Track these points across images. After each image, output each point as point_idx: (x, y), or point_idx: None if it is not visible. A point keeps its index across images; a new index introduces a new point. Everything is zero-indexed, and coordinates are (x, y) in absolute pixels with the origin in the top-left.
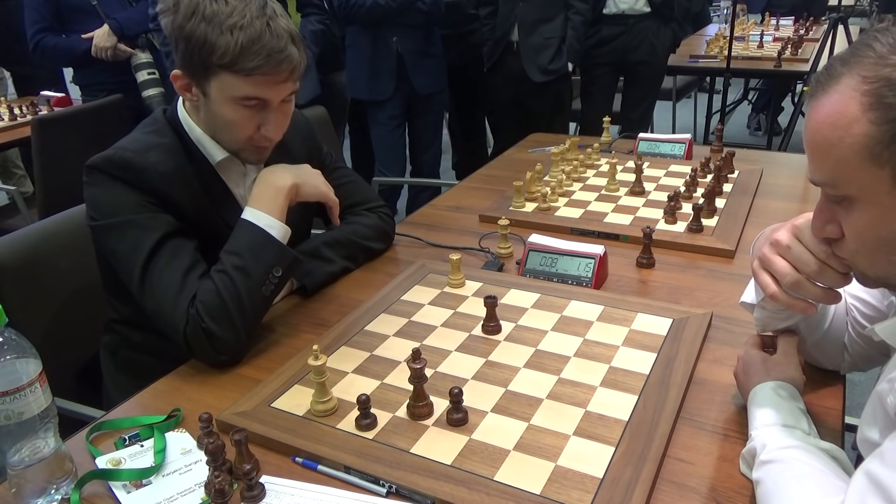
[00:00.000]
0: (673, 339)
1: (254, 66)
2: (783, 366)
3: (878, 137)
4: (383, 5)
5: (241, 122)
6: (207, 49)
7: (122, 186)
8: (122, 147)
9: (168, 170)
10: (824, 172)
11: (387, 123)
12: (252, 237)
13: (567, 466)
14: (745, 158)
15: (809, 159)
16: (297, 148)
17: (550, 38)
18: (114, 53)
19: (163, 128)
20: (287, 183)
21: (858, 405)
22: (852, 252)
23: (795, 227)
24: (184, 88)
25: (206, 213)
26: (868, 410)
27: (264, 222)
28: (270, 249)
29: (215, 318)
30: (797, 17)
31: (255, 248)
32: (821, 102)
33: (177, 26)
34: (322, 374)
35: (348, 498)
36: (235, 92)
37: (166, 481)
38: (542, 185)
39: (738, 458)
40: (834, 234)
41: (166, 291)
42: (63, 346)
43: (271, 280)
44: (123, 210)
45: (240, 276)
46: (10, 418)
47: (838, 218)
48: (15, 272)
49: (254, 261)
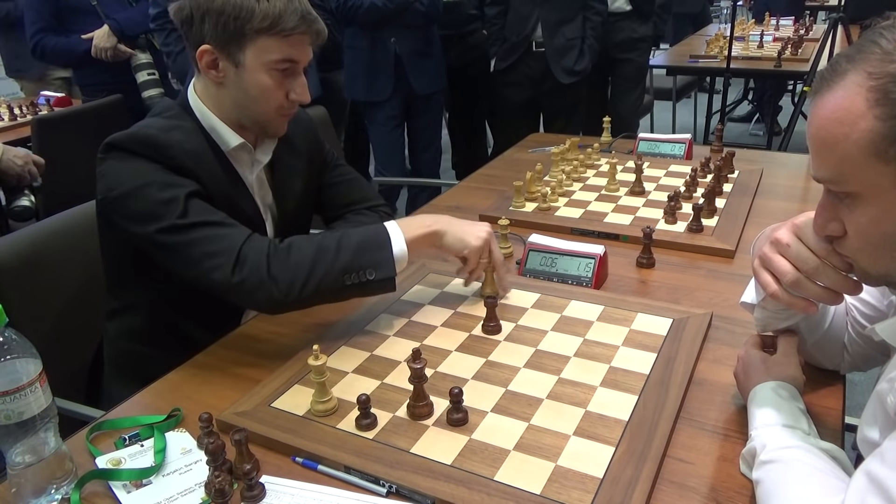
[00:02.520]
0: (673, 339)
1: (293, 26)
2: (783, 366)
3: (883, 133)
4: (381, 6)
5: (274, 89)
6: (245, 15)
7: (145, 161)
8: (145, 125)
9: (193, 148)
10: (828, 169)
11: (385, 124)
12: (375, 236)
13: (567, 466)
14: (745, 158)
15: (813, 156)
16: (300, 143)
17: (572, 38)
18: (114, 54)
19: (180, 113)
20: (436, 226)
21: (858, 405)
22: (855, 250)
23: (796, 226)
24: (209, 66)
25: (226, 195)
26: (868, 410)
27: (394, 235)
28: (381, 254)
29: (291, 267)
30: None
31: (370, 244)
32: (825, 99)
33: (203, 1)
34: (322, 374)
35: (348, 498)
36: (274, 55)
37: (166, 481)
38: (542, 185)
39: (738, 458)
40: (836, 232)
41: (217, 225)
42: (63, 345)
43: (359, 276)
44: (144, 176)
45: (339, 255)
46: (11, 418)
47: (841, 215)
48: (15, 272)
49: (361, 252)
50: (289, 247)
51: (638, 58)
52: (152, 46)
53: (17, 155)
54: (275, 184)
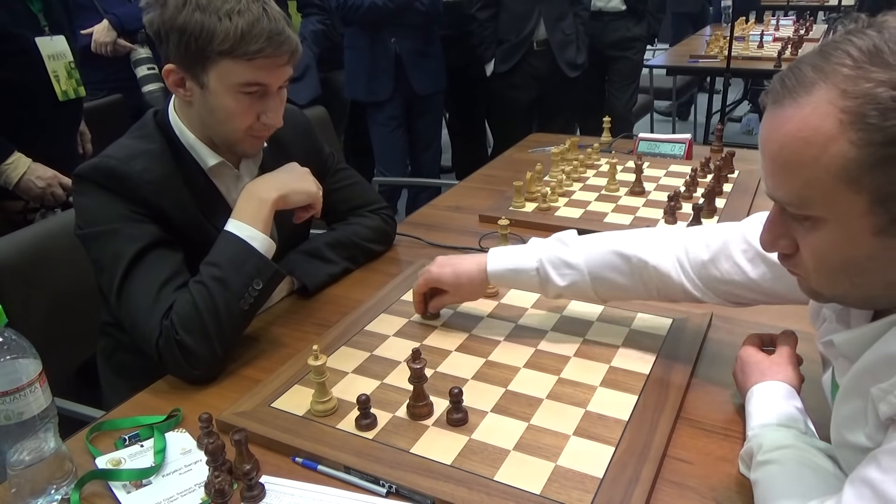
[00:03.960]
0: (673, 339)
1: (256, 50)
2: (781, 366)
3: (858, 160)
4: (381, 6)
5: (242, 111)
6: (206, 37)
7: (108, 196)
8: (108, 155)
9: (155, 177)
10: (790, 191)
11: (386, 124)
12: (233, 248)
13: (567, 466)
14: (745, 158)
15: (770, 174)
16: (296, 148)
17: (570, 34)
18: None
19: (151, 133)
20: (271, 195)
21: None
22: (808, 270)
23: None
24: (177, 84)
25: (196, 220)
26: (843, 413)
27: (246, 234)
28: (251, 261)
29: (189, 330)
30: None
31: (235, 260)
32: (789, 113)
33: (167, 18)
34: (322, 374)
35: (348, 498)
36: (237, 78)
37: (166, 481)
38: (542, 185)
39: (738, 458)
40: (787, 250)
41: (141, 302)
42: (63, 346)
43: (251, 293)
44: (108, 220)
45: (217, 288)
46: (10, 418)
47: (794, 234)
48: (15, 272)
49: (233, 272)
50: (180, 321)
51: (633, 56)
52: (152, 41)
53: (42, 176)
54: None
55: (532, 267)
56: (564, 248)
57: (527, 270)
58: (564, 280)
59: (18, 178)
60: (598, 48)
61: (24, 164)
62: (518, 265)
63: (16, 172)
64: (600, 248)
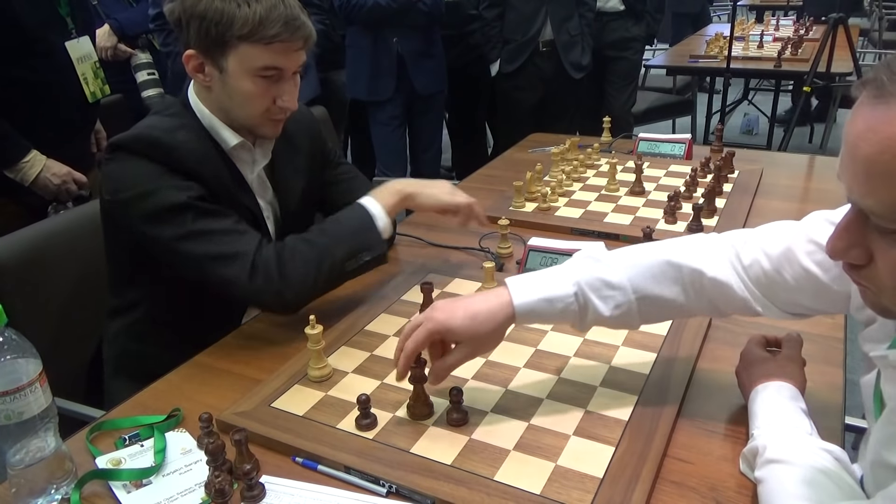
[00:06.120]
0: (673, 339)
1: (274, 34)
2: (787, 367)
3: None
4: (384, 6)
5: (259, 94)
6: (226, 22)
7: (149, 162)
8: (149, 126)
9: (197, 148)
10: (883, 201)
11: (387, 124)
12: (359, 218)
13: (567, 466)
14: (745, 158)
15: (861, 180)
16: (302, 141)
17: (575, 35)
18: (114, 53)
19: (181, 112)
20: (406, 190)
21: (858, 405)
22: (882, 285)
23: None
24: (196, 69)
25: (229, 193)
26: (890, 432)
27: (375, 211)
28: (370, 235)
29: (297, 263)
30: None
31: (358, 228)
32: (892, 116)
33: (188, 6)
34: (318, 343)
35: (348, 498)
36: (255, 62)
37: (166, 481)
38: (542, 185)
39: (739, 457)
40: (860, 261)
41: (231, 232)
42: (63, 346)
43: (357, 260)
44: (152, 180)
45: (334, 240)
46: (10, 418)
47: (871, 245)
48: (15, 272)
49: (351, 236)
50: (293, 250)
51: (631, 56)
52: (152, 46)
53: (57, 173)
54: (276, 182)
55: (569, 293)
56: (601, 266)
57: (563, 298)
58: (607, 305)
59: (35, 175)
60: (596, 48)
61: (41, 161)
62: (551, 293)
63: (33, 170)
64: (643, 261)
